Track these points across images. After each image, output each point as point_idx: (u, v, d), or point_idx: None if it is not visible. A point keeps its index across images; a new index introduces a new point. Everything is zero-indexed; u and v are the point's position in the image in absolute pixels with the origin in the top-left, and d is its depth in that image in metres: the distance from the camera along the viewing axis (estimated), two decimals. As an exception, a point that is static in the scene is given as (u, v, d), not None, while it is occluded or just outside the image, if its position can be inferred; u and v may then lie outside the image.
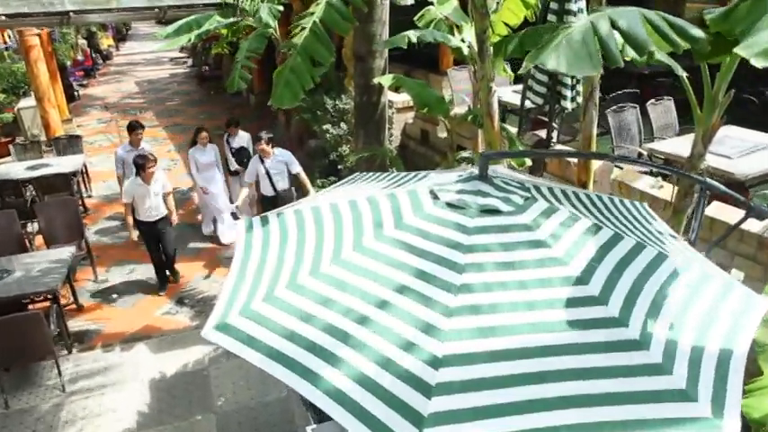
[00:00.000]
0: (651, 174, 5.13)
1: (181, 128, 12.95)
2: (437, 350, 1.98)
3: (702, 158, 4.01)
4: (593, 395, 1.95)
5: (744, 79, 6.60)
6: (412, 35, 5.18)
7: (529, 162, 5.78)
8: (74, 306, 6.11)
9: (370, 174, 3.59)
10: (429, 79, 9.64)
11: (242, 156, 7.62)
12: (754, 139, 5.37)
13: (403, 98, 7.92)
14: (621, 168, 5.47)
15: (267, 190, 6.67)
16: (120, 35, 28.10)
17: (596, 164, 5.22)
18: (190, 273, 6.85)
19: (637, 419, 1.90)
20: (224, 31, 7.50)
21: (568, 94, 5.16)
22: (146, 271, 6.83)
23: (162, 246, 6.38)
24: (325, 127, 7.16)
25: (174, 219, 6.46)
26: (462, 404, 1.88)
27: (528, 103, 5.71)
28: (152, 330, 5.81)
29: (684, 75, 3.90)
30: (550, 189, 2.95)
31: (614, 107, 5.90)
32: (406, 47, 5.23)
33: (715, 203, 4.48)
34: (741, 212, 4.59)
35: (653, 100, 6.14)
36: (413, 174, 3.39)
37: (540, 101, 5.60)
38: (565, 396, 1.93)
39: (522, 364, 1.98)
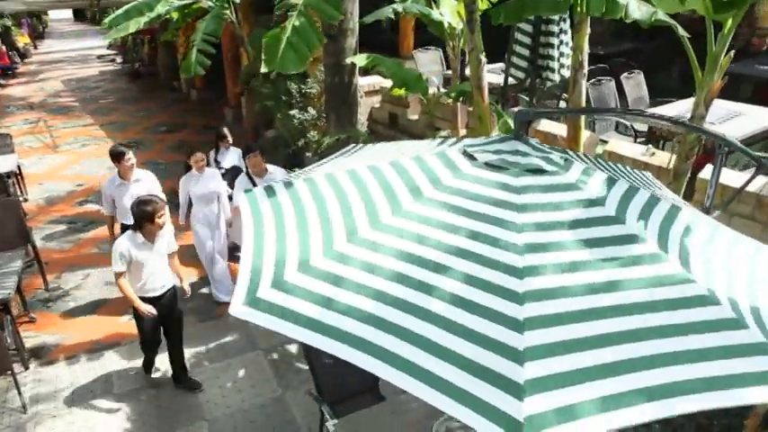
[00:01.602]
0: (644, 141, 5.15)
1: (118, 126, 12.15)
2: (517, 313, 1.84)
3: (704, 120, 4.02)
4: (678, 352, 1.83)
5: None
6: (395, 8, 4.96)
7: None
8: (26, 318, 5.47)
9: (360, 145, 3.37)
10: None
11: (236, 177, 5.90)
12: (728, 107, 5.55)
13: (369, 81, 7.67)
14: (606, 142, 5.49)
15: None
16: (37, 33, 26.16)
17: (584, 136, 5.19)
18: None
19: (725, 375, 1.79)
20: (174, 15, 6.95)
21: (555, 65, 5.09)
22: (102, 275, 6.23)
23: (166, 332, 4.46)
24: (291, 112, 6.79)
25: (187, 289, 4.52)
26: (557, 368, 1.72)
27: (510, 80, 5.63)
28: (120, 337, 5.27)
29: (686, 35, 3.91)
30: (566, 151, 2.95)
31: (593, 81, 5.92)
32: (386, 20, 5.01)
33: (708, 167, 4.53)
34: (735, 173, 4.71)
35: (626, 74, 6.22)
36: (414, 142, 3.24)
37: (521, 75, 5.53)
38: (653, 355, 1.81)
39: (599, 325, 1.86)
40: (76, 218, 7.76)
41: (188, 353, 4.81)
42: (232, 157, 6.17)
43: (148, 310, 4.10)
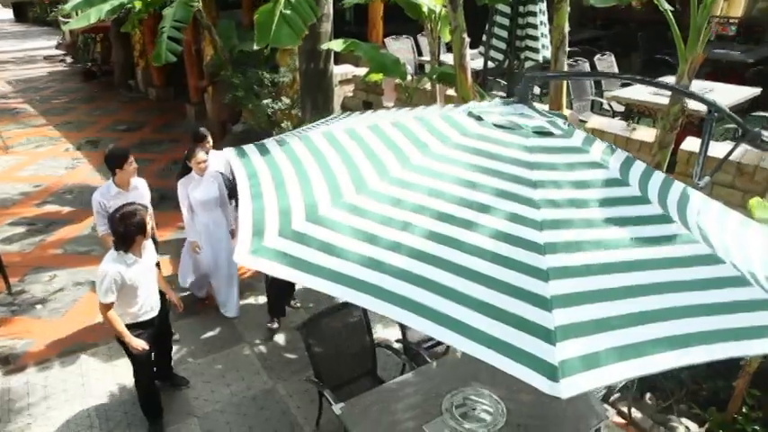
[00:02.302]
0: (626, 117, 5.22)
1: (74, 125, 11.62)
2: (540, 263, 1.86)
3: (688, 89, 4.10)
4: (692, 306, 1.88)
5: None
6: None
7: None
8: (-12, 323, 5.12)
9: (346, 113, 3.31)
10: (358, 59, 9.35)
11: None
12: (701, 85, 5.77)
13: (342, 70, 7.56)
14: (585, 122, 5.56)
15: None
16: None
17: (566, 114, 5.24)
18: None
19: (734, 327, 1.86)
20: (137, 4, 6.65)
21: (538, 45, 5.11)
22: (70, 276, 5.92)
23: (158, 353, 4.01)
24: (265, 102, 6.60)
25: (178, 302, 4.05)
26: (583, 317, 1.76)
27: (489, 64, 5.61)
28: (97, 338, 4.98)
29: (669, 8, 3.97)
30: (565, 117, 3.12)
31: (569, 61, 5.98)
32: (350, 9, 4.92)
33: (689, 139, 4.65)
34: (715, 143, 4.82)
35: (598, 56, 6.32)
36: (406, 109, 3.24)
37: (500, 57, 5.53)
38: (669, 308, 1.86)
39: (617, 278, 1.91)
40: (36, 219, 7.34)
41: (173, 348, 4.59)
42: (214, 162, 5.02)
43: (142, 346, 3.59)
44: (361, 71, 7.87)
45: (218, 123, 9.73)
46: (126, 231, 3.36)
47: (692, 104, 4.91)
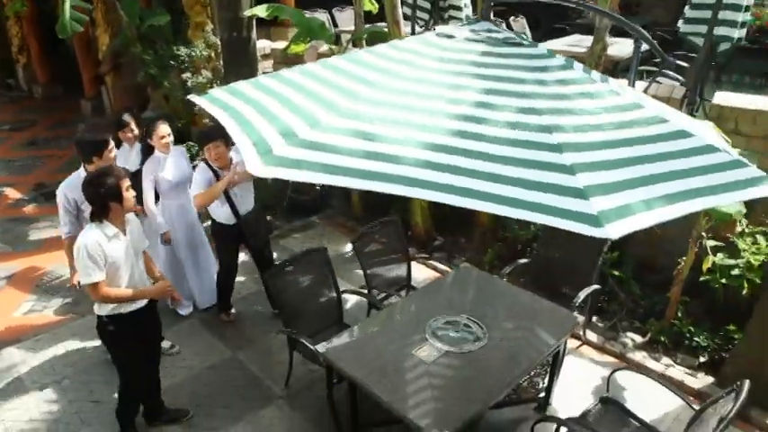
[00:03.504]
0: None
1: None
2: (551, 140, 2.10)
3: (608, 29, 4.47)
4: (685, 169, 2.20)
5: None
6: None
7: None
8: None
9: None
10: (270, 33, 9.17)
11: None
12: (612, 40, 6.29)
13: (259, 45, 7.34)
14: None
15: (222, 215, 4.14)
16: None
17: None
18: (47, 261, 5.49)
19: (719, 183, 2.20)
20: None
21: (460, 3, 5.29)
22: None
23: (145, 366, 3.37)
24: (184, 76, 6.26)
25: (174, 292, 3.32)
26: (604, 179, 1.99)
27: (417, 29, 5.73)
28: (18, 333, 4.49)
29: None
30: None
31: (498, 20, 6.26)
32: None
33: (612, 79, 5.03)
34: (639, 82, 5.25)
35: (512, 17, 6.68)
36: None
37: (426, 17, 5.67)
38: (666, 172, 2.15)
39: (618, 152, 2.17)
40: None
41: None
42: (138, 157, 4.26)
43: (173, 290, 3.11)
44: (278, 45, 7.72)
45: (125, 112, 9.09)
46: (95, 194, 2.85)
47: (610, 51, 5.35)
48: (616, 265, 4.65)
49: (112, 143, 3.67)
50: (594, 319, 4.55)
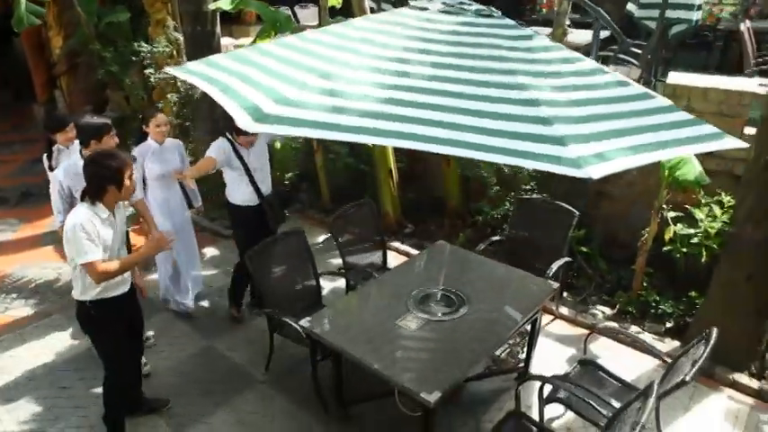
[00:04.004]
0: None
1: None
2: (526, 96, 2.27)
3: (566, 14, 4.65)
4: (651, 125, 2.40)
5: None
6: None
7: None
8: None
9: None
10: (232, 31, 9.10)
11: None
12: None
13: (222, 43, 7.28)
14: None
15: (245, 197, 4.05)
16: None
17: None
18: (6, 264, 5.28)
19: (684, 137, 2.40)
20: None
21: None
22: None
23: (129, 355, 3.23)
24: (148, 72, 6.15)
25: (142, 285, 3.30)
26: (580, 130, 2.17)
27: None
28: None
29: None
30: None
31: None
32: None
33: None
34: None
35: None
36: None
37: (390, 8, 5.75)
38: (636, 127, 2.35)
39: (585, 110, 2.36)
40: None
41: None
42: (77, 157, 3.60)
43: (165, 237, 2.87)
44: (241, 42, 7.68)
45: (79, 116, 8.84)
46: (94, 174, 2.70)
47: (569, 38, 5.56)
48: (583, 241, 4.82)
49: (114, 130, 3.52)
50: (565, 294, 4.69)
